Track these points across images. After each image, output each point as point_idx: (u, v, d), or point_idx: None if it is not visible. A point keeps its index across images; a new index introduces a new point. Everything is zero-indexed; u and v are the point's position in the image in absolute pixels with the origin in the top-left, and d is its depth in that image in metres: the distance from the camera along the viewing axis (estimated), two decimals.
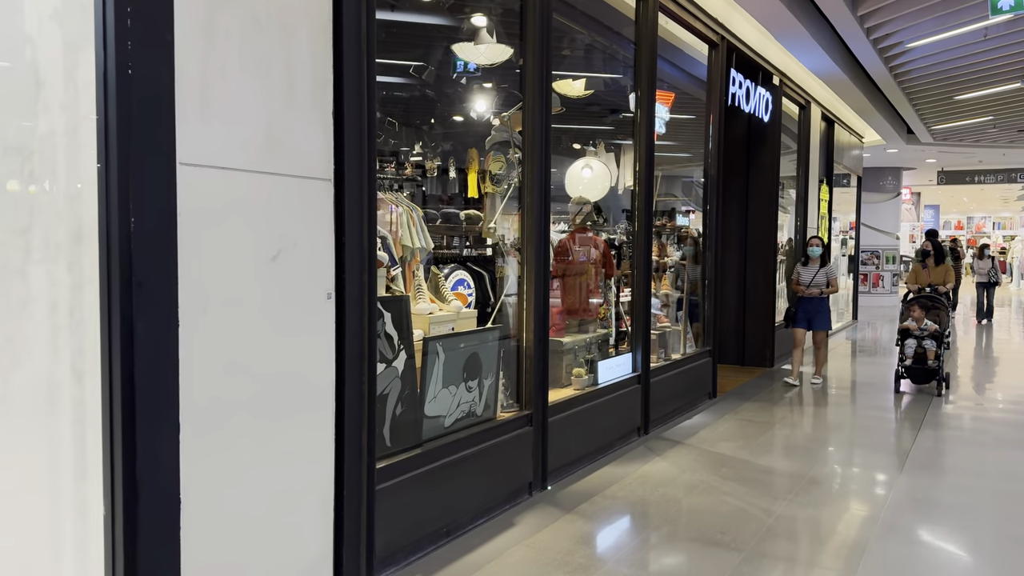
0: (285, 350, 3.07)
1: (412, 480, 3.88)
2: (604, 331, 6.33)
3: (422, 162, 7.35)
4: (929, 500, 5.03)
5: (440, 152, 7.25)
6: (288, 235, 3.06)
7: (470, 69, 6.06)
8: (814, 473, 5.57)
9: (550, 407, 5.13)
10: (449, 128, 7.28)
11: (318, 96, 3.19)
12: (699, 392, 7.71)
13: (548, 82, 4.97)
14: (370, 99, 3.47)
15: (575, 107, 8.43)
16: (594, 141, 7.58)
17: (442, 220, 6.00)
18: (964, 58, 9.45)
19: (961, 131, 14.92)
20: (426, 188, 7.94)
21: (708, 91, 7.89)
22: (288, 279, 3.07)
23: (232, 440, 2.87)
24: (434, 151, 7.38)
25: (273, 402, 3.03)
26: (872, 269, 19.50)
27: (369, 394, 3.53)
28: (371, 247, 3.52)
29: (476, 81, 6.16)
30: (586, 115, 8.38)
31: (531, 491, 4.88)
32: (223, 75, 2.79)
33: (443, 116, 7.49)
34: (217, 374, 2.80)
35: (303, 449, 3.18)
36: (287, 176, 3.05)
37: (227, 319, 2.82)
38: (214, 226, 2.77)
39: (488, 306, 5.38)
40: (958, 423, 7.20)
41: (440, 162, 7.06)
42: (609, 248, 6.36)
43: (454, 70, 6.12)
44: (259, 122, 2.93)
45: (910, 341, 8.47)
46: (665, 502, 4.84)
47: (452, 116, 7.24)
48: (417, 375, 4.01)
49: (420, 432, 4.02)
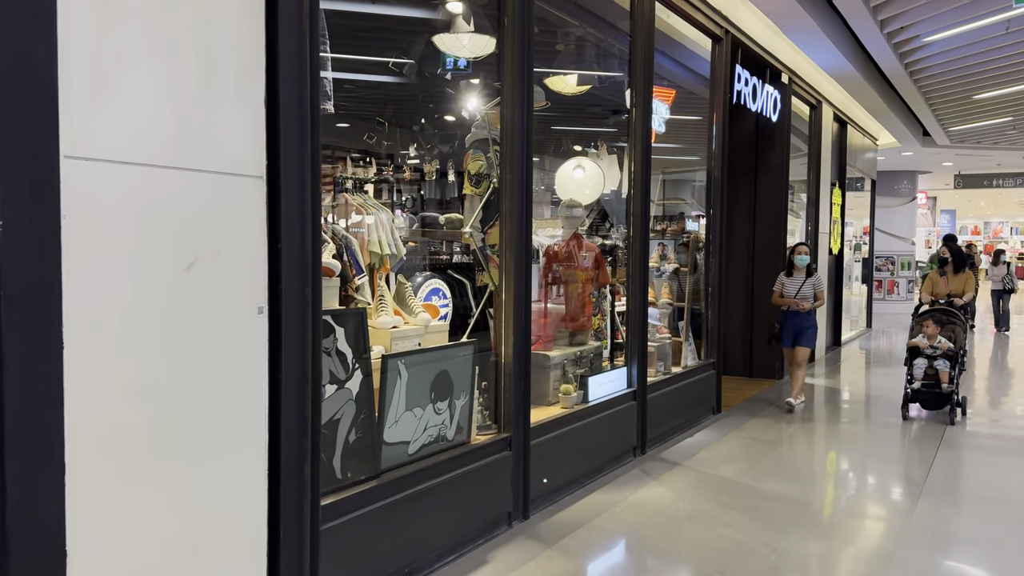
0: (203, 373, 2.65)
1: (368, 516, 3.45)
2: (597, 344, 5.89)
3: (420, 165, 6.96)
4: (949, 534, 4.57)
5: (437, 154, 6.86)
6: (207, 241, 2.65)
7: (460, 66, 5.66)
8: (823, 501, 5.12)
9: (533, 428, 4.70)
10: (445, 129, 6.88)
11: (245, 82, 2.78)
12: (702, 407, 7.26)
13: (529, 73, 4.55)
14: (314, 86, 3.06)
15: (576, 108, 8.03)
16: (596, 143, 7.17)
17: (420, 224, 5.59)
18: (984, 53, 8.95)
19: (979, 133, 14.38)
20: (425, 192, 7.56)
21: (711, 88, 7.45)
22: (207, 292, 2.65)
23: (135, 480, 2.45)
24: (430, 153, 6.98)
25: (188, 434, 2.61)
26: (887, 275, 18.97)
27: (313, 421, 3.11)
28: (315, 254, 3.10)
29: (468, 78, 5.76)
30: (588, 116, 7.98)
31: (510, 522, 4.45)
32: (122, 57, 2.38)
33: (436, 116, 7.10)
34: (115, 403, 2.38)
35: (227, 488, 2.76)
36: (205, 173, 2.64)
37: (128, 339, 2.41)
38: (111, 230, 2.36)
39: (470, 317, 4.97)
40: (976, 443, 6.71)
41: (439, 164, 6.68)
42: (603, 255, 5.92)
43: (443, 67, 5.71)
44: (168, 111, 2.51)
45: (920, 360, 7.48)
46: (658, 535, 4.40)
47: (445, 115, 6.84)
48: (375, 397, 3.59)
49: (378, 461, 3.59)
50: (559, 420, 5.01)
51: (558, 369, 5.38)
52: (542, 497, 4.75)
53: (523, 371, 4.54)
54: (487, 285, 4.77)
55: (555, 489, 4.90)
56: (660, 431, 6.30)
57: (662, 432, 6.35)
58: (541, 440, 4.74)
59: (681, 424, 6.76)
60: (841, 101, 11.42)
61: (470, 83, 5.70)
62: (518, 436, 4.50)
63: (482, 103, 5.29)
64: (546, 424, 4.86)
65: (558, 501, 4.88)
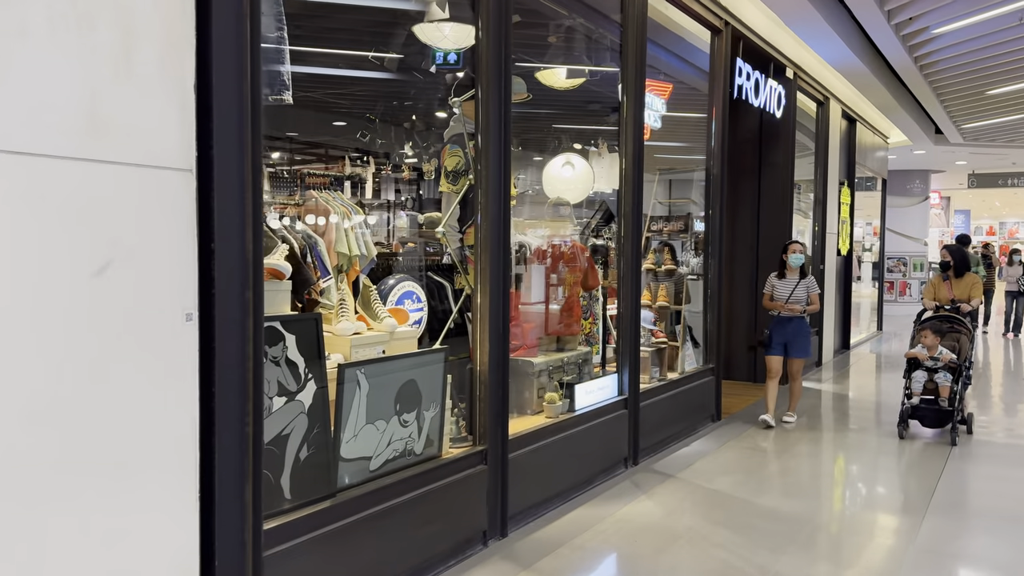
0: (116, 389, 2.38)
1: (321, 539, 3.19)
2: (587, 349, 5.61)
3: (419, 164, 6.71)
4: (956, 555, 4.26)
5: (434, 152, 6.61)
6: (123, 242, 2.38)
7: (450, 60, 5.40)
8: (823, 518, 4.81)
9: (514, 440, 4.42)
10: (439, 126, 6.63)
11: (170, 65, 2.52)
12: (700, 415, 6.96)
13: (507, 61, 4.29)
14: (255, 70, 2.80)
15: (576, 105, 7.75)
16: (596, 141, 6.90)
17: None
18: (996, 47, 8.60)
19: (993, 130, 13.98)
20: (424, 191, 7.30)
21: (710, 82, 7.15)
22: (122, 298, 2.38)
23: (31, 512, 2.19)
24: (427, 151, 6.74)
25: (97, 461, 2.34)
26: (899, 277, 18.59)
27: (255, 438, 2.84)
28: (256, 255, 2.84)
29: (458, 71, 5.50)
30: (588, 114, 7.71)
31: (485, 541, 4.17)
32: (22, 31, 2.13)
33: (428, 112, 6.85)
34: (6, 425, 2.12)
35: (149, 519, 2.49)
36: (122, 165, 2.38)
37: (19, 354, 2.14)
38: (1, 230, 2.10)
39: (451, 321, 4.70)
40: (989, 452, 6.37)
41: (437, 163, 6.45)
42: (592, 256, 5.64)
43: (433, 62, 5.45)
44: (77, 96, 2.25)
45: (919, 373, 6.72)
46: (642, 555, 4.11)
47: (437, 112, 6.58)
48: (332, 409, 3.33)
49: (334, 478, 3.32)
50: (542, 430, 4.73)
51: (543, 376, 5.10)
52: (522, 513, 4.48)
53: (500, 379, 4.26)
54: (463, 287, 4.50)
55: (537, 504, 4.62)
56: (654, 440, 6.01)
57: (656, 441, 6.06)
58: (522, 452, 4.47)
59: (677, 433, 6.46)
60: (850, 98, 11.09)
61: (457, 77, 5.44)
62: (495, 448, 4.23)
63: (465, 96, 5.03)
64: (528, 435, 4.58)
65: (541, 516, 4.60)
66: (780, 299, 6.94)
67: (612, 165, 6.33)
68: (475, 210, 4.32)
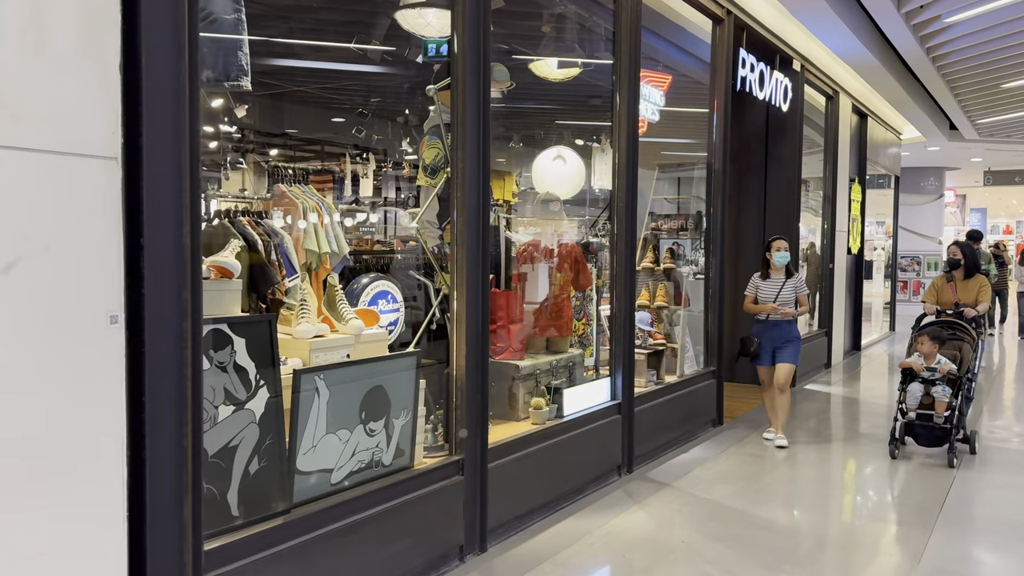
0: (27, 399, 2.16)
1: (274, 557, 2.95)
2: (578, 352, 5.35)
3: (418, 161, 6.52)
4: (965, 574, 3.98)
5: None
6: (34, 237, 2.16)
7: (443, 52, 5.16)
8: (823, 531, 4.54)
9: (495, 448, 4.18)
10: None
11: (90, 42, 2.28)
12: (700, 420, 6.68)
13: (486, 44, 4.05)
14: (192, 49, 2.56)
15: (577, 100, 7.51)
16: (598, 136, 6.65)
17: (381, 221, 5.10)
18: (1010, 36, 8.26)
19: (1009, 125, 13.59)
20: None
21: (712, 73, 6.88)
22: (33, 299, 2.16)
23: None
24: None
25: (6, 476, 2.12)
26: (913, 276, 18.20)
27: (194, 450, 2.61)
28: (195, 251, 2.60)
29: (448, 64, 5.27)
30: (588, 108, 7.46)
31: (462, 557, 3.93)
32: None
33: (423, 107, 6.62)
34: None
35: (68, 539, 2.26)
36: (31, 151, 2.15)
37: None
38: None
39: (432, 324, 4.46)
40: (1002, 459, 6.07)
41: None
42: (583, 254, 5.39)
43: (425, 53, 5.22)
44: None
45: (915, 386, 6.00)
46: (630, 572, 3.85)
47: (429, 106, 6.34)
48: (286, 418, 3.09)
49: (290, 493, 3.09)
50: (528, 438, 4.49)
51: (531, 381, 4.85)
52: (504, 526, 4.23)
53: (479, 384, 4.02)
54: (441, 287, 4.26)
55: (521, 516, 4.38)
56: (650, 447, 5.75)
57: (652, 448, 5.79)
58: (503, 461, 4.22)
59: (676, 439, 6.20)
60: (860, 92, 10.76)
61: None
62: (473, 458, 3.98)
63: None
64: (510, 443, 4.34)
65: (525, 529, 4.36)
66: (765, 301, 6.38)
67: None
68: (453, 204, 4.07)
